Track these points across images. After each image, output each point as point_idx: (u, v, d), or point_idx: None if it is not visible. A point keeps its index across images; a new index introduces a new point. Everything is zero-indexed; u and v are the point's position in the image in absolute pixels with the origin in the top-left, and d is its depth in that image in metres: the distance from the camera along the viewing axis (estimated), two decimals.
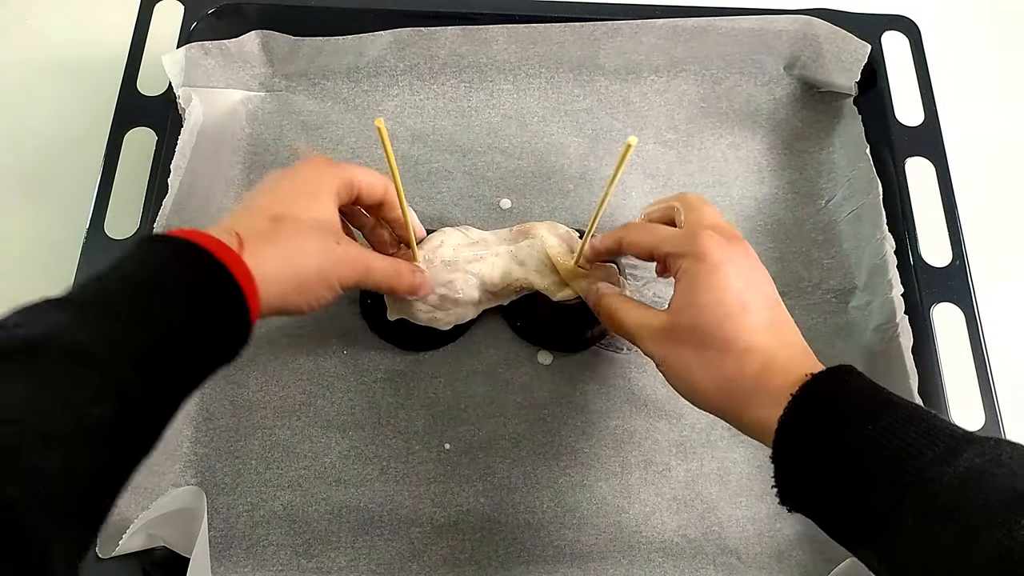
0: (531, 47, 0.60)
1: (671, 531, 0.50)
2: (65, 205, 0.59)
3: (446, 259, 0.48)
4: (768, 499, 0.51)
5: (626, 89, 0.62)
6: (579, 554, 0.49)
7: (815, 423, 0.33)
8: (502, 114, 0.61)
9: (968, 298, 0.52)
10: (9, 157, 0.61)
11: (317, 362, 0.53)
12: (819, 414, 0.33)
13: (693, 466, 0.52)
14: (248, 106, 0.60)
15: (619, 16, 0.59)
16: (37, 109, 0.63)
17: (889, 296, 0.52)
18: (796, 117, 0.61)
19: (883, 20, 0.60)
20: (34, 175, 0.61)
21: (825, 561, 0.49)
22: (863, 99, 0.59)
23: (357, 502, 0.50)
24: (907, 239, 0.53)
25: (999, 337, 0.53)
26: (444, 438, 0.52)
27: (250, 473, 0.50)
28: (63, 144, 0.62)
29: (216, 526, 0.49)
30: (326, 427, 0.52)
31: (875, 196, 0.55)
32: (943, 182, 0.55)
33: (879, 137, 0.57)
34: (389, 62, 0.60)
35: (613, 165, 0.39)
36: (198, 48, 0.56)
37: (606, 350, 0.54)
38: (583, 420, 0.52)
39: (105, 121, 0.54)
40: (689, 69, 0.62)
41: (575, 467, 0.51)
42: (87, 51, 0.65)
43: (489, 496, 0.50)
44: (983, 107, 0.66)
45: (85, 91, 0.63)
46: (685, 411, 0.53)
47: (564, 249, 0.49)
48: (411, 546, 0.49)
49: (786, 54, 0.61)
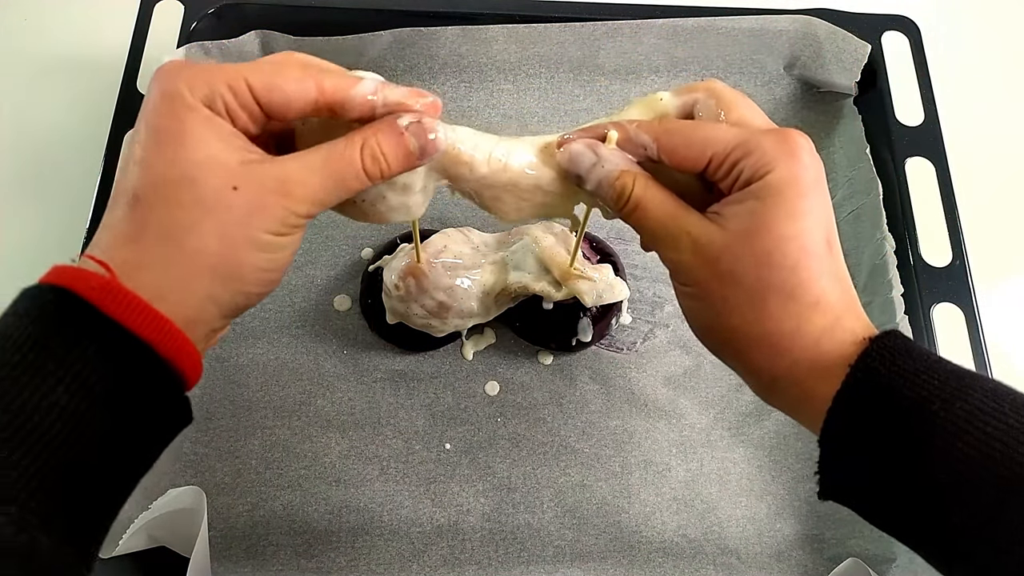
0: (531, 47, 0.60)
1: (671, 531, 0.50)
2: (65, 205, 0.59)
3: (448, 264, 0.48)
4: (768, 499, 0.51)
5: (626, 89, 0.62)
6: (579, 554, 0.49)
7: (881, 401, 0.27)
8: (502, 114, 0.61)
9: (968, 298, 0.52)
10: (9, 157, 0.61)
11: (317, 362, 0.53)
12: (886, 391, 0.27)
13: (693, 466, 0.52)
14: None
15: (619, 16, 0.59)
16: (37, 109, 0.63)
17: (889, 296, 0.52)
18: (796, 117, 0.61)
19: (883, 20, 0.60)
20: (34, 175, 0.61)
21: (825, 561, 0.49)
22: (863, 99, 0.59)
23: (357, 502, 0.50)
24: (907, 239, 0.53)
25: (999, 337, 0.53)
26: (444, 438, 0.52)
27: (250, 473, 0.50)
28: (63, 144, 0.61)
29: (216, 526, 0.49)
30: (326, 427, 0.52)
31: (875, 196, 0.55)
32: (943, 182, 0.55)
33: (879, 137, 0.57)
34: (389, 62, 0.60)
35: None
36: (198, 48, 0.56)
37: (606, 350, 0.54)
38: (583, 420, 0.52)
39: (105, 121, 0.54)
40: (689, 69, 0.62)
41: (575, 467, 0.51)
42: (87, 51, 0.65)
43: (489, 496, 0.50)
44: (983, 107, 0.66)
45: (85, 91, 0.63)
46: (685, 411, 0.53)
47: (560, 249, 0.49)
48: (411, 546, 0.49)
49: (786, 54, 0.61)
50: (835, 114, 0.61)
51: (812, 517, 0.50)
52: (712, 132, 0.31)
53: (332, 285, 0.55)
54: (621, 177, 0.32)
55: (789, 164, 0.29)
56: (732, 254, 0.30)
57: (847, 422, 0.28)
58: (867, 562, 0.46)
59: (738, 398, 0.53)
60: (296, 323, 0.54)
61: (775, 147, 0.29)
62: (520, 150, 0.35)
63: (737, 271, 0.30)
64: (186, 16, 0.57)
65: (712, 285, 0.30)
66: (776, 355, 0.30)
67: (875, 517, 0.29)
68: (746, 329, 0.30)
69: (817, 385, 0.29)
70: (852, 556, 0.47)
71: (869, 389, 0.27)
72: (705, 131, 0.31)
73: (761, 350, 0.30)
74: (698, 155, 0.30)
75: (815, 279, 0.29)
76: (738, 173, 0.30)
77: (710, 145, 0.30)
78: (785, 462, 0.52)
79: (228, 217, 0.27)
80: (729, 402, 0.53)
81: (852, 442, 0.28)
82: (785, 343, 0.29)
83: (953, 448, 0.25)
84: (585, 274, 0.48)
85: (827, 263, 0.30)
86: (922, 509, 0.26)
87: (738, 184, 0.30)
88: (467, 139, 0.34)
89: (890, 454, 0.27)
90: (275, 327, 0.54)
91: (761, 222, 0.29)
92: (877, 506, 0.28)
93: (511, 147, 0.35)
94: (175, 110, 0.27)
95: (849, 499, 0.29)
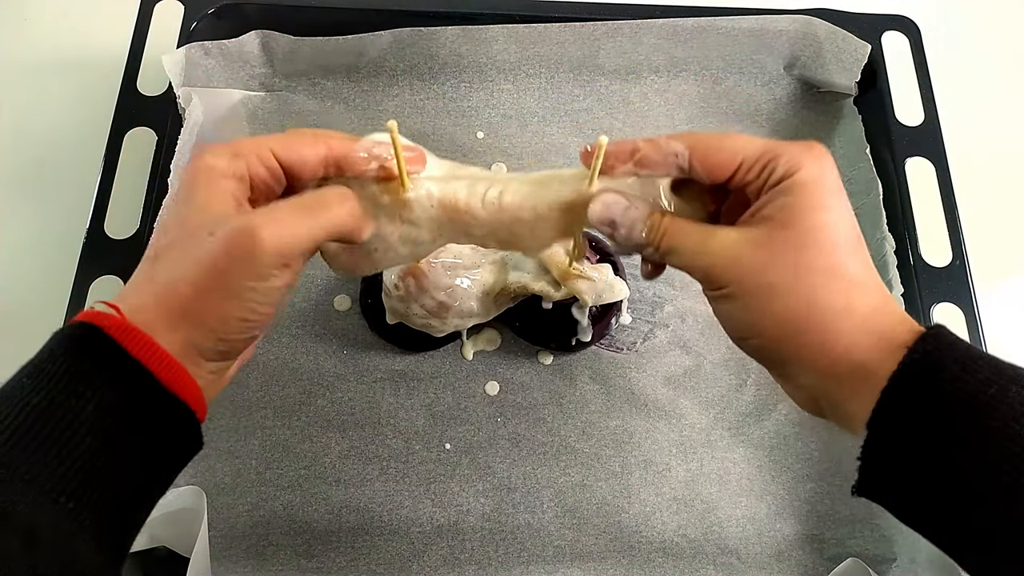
0: (531, 47, 0.60)
1: (671, 531, 0.50)
2: (65, 205, 0.59)
3: (448, 264, 0.48)
4: (768, 499, 0.51)
5: (626, 89, 0.62)
6: (579, 554, 0.49)
7: (937, 382, 0.27)
8: (502, 114, 0.61)
9: (968, 298, 0.52)
10: (9, 157, 0.61)
11: (317, 362, 0.53)
12: (942, 373, 0.27)
13: (693, 466, 0.52)
14: (248, 106, 0.60)
15: (619, 16, 0.59)
16: (37, 109, 0.63)
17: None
18: (796, 117, 0.61)
19: (883, 20, 0.60)
20: (34, 175, 0.61)
21: (825, 561, 0.49)
22: (863, 99, 0.59)
23: (357, 502, 0.50)
24: (907, 239, 0.53)
25: (999, 337, 0.53)
26: (444, 438, 0.52)
27: (250, 473, 0.50)
28: (63, 144, 0.61)
29: (216, 526, 0.49)
30: (326, 427, 0.52)
31: (875, 196, 0.55)
32: (943, 182, 0.55)
33: (879, 137, 0.57)
34: (389, 62, 0.60)
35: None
36: (198, 48, 0.56)
37: (606, 350, 0.54)
38: (583, 420, 0.52)
39: (105, 121, 0.54)
40: (689, 69, 0.62)
41: (575, 467, 0.51)
42: (87, 51, 0.65)
43: (489, 496, 0.50)
44: (983, 107, 0.66)
45: (85, 91, 0.63)
46: (685, 411, 0.53)
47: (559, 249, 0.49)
48: (411, 546, 0.49)
49: (786, 54, 0.61)
50: (835, 114, 0.61)
51: (812, 517, 0.50)
52: (741, 140, 0.32)
53: (332, 285, 0.55)
54: (652, 215, 0.33)
55: (816, 164, 0.31)
56: (769, 246, 0.30)
57: (901, 403, 0.27)
58: (867, 562, 0.46)
59: (738, 398, 0.53)
60: (296, 323, 0.54)
61: (802, 151, 0.31)
62: (511, 188, 0.36)
63: (777, 259, 0.30)
64: (186, 16, 0.57)
65: (752, 279, 0.30)
66: (827, 334, 0.29)
67: (911, 512, 0.28)
68: (793, 314, 0.30)
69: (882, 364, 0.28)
70: (852, 556, 0.47)
71: (926, 368, 0.27)
72: (734, 140, 0.32)
73: (811, 331, 0.30)
74: (728, 160, 0.32)
75: (855, 261, 0.30)
76: (768, 173, 0.31)
77: (739, 151, 0.32)
78: (785, 462, 0.52)
79: (202, 264, 0.29)
80: (729, 402, 0.53)
81: (909, 421, 0.27)
82: (836, 321, 0.29)
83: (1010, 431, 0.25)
84: (585, 274, 0.48)
85: (861, 251, 0.31)
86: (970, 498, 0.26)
87: (768, 184, 0.31)
88: (461, 188, 0.35)
89: (945, 437, 0.26)
90: (275, 327, 0.54)
91: (794, 213, 0.30)
92: (917, 497, 0.28)
93: (502, 186, 0.36)
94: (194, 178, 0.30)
95: (887, 488, 0.29)
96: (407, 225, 0.36)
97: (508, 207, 0.35)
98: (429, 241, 0.37)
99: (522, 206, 0.35)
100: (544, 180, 0.36)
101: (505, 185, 0.36)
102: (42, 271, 0.57)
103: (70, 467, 0.26)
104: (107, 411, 0.27)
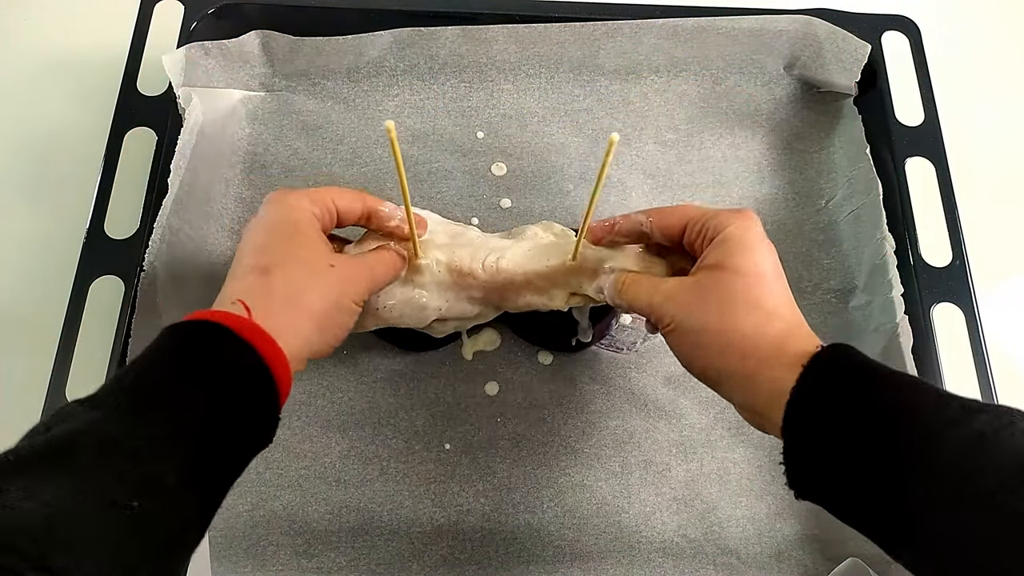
0: (531, 47, 0.60)
1: (671, 531, 0.50)
2: (65, 205, 0.59)
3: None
4: (768, 499, 0.51)
5: (626, 89, 0.62)
6: (579, 554, 0.49)
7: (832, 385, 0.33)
8: (502, 114, 0.61)
9: (968, 298, 0.52)
10: (9, 157, 0.61)
11: (317, 362, 0.53)
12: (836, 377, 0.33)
13: (693, 466, 0.52)
14: (248, 106, 0.60)
15: (619, 16, 0.59)
16: (37, 109, 0.63)
17: (889, 296, 0.52)
18: (796, 117, 0.61)
19: (883, 20, 0.59)
20: (34, 175, 0.61)
21: (825, 561, 0.49)
22: (863, 99, 0.59)
23: (357, 502, 0.50)
24: (907, 239, 0.53)
25: (999, 337, 0.53)
26: (444, 438, 0.52)
27: (250, 473, 0.50)
28: (63, 144, 0.61)
29: (216, 526, 0.49)
30: (326, 427, 0.52)
31: (875, 196, 0.55)
32: (943, 182, 0.55)
33: (879, 137, 0.57)
34: (389, 62, 0.60)
35: (613, 166, 0.39)
36: (198, 48, 0.56)
37: (606, 350, 0.54)
38: (583, 420, 0.52)
39: (105, 121, 0.54)
40: (689, 69, 0.62)
41: (575, 467, 0.51)
42: (87, 51, 0.65)
43: (489, 496, 0.50)
44: (983, 107, 0.66)
45: (85, 91, 0.63)
46: (685, 411, 0.53)
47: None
48: (411, 546, 0.49)
49: (786, 54, 0.61)
50: (835, 114, 0.61)
51: (812, 517, 0.51)
52: (688, 208, 0.42)
53: None
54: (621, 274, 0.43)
55: (741, 222, 0.39)
56: (700, 287, 0.38)
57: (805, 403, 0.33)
58: (867, 562, 0.46)
59: None
60: None
61: (731, 214, 0.39)
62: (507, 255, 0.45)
63: (706, 296, 0.38)
64: (186, 16, 0.57)
65: (685, 314, 0.38)
66: (746, 356, 0.36)
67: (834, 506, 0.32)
68: (717, 339, 0.37)
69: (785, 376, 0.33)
70: (852, 556, 0.47)
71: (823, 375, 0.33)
72: (684, 208, 0.42)
73: (733, 354, 0.36)
74: (678, 223, 0.41)
75: (771, 296, 0.37)
76: (705, 231, 0.40)
77: (686, 216, 0.41)
78: None
79: (327, 286, 0.39)
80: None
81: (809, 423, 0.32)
82: (752, 344, 0.36)
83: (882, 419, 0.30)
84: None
85: (778, 287, 0.38)
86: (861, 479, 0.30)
87: (705, 240, 0.39)
88: (465, 255, 0.45)
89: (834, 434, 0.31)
90: None
91: (723, 257, 0.38)
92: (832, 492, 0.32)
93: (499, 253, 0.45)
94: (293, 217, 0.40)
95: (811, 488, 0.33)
96: (417, 288, 0.45)
97: (504, 270, 0.45)
98: (434, 308, 0.46)
99: (515, 272, 0.45)
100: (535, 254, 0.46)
101: (502, 252, 0.45)
102: (42, 271, 0.57)
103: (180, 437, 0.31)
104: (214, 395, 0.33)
